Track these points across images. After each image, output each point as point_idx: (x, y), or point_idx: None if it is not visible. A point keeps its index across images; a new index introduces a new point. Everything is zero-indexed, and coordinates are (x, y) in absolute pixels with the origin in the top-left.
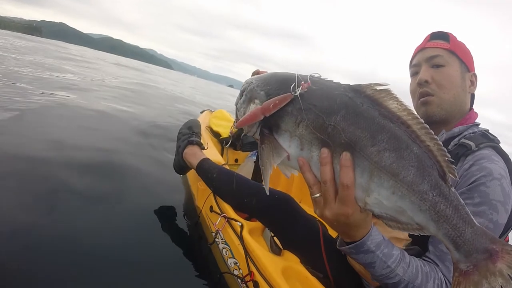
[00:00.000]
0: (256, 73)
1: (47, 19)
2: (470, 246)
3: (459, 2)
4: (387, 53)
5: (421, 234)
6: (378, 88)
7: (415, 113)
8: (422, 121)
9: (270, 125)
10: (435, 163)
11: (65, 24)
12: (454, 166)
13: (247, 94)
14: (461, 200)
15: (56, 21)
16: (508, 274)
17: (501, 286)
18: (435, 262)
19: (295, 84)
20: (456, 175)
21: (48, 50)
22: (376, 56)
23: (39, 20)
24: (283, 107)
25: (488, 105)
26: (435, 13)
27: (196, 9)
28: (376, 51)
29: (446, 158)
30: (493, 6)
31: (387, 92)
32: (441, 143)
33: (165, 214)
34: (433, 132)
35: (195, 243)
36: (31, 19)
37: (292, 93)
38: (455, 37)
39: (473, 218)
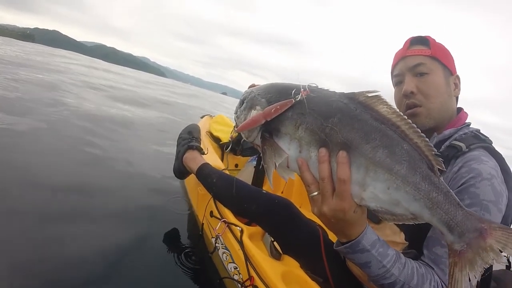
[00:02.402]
0: (252, 86)
1: (41, 26)
2: (462, 227)
3: (453, 5)
4: (379, 58)
5: (415, 223)
6: (370, 95)
7: (403, 115)
8: (410, 121)
9: (270, 129)
10: (424, 157)
11: (59, 32)
12: (441, 159)
13: (248, 102)
14: (449, 188)
15: (49, 29)
16: (498, 248)
17: (493, 260)
18: (430, 266)
19: (295, 90)
20: (443, 166)
21: None
22: (368, 61)
23: (32, 27)
24: (283, 112)
25: (482, 107)
26: (427, 17)
27: (189, 16)
28: (368, 56)
29: (433, 153)
30: (487, 9)
31: (378, 97)
32: (427, 139)
33: (166, 219)
34: (420, 131)
35: (195, 248)
36: (24, 26)
37: (294, 98)
38: (434, 40)
39: (460, 202)
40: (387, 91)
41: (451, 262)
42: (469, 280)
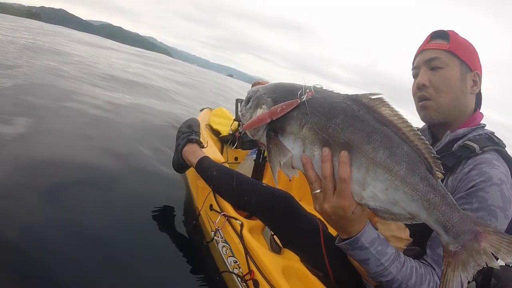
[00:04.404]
0: (256, 83)
1: (47, 5)
2: (458, 228)
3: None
4: (387, 48)
5: (413, 223)
6: (373, 97)
7: (405, 117)
8: (411, 124)
9: (275, 128)
10: (423, 159)
11: (65, 11)
12: (440, 162)
13: (254, 100)
14: (447, 190)
15: (55, 7)
16: (491, 252)
17: (486, 263)
18: (432, 266)
19: (301, 91)
20: (442, 168)
21: None
22: (377, 50)
23: (38, 6)
24: (288, 112)
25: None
26: (437, 9)
27: None
28: (377, 45)
29: (432, 155)
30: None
31: (381, 100)
32: (427, 142)
33: (165, 213)
34: (420, 134)
35: (194, 242)
36: (30, 5)
37: (299, 99)
38: (456, 35)
39: (456, 204)
40: (393, 81)
41: (444, 261)
42: (461, 280)
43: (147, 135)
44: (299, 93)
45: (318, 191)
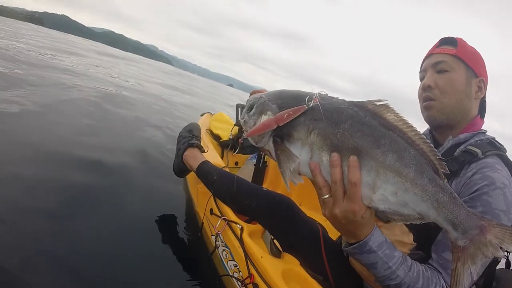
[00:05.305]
0: (254, 92)
1: (50, 10)
2: (466, 224)
3: (459, 11)
4: (388, 58)
5: (422, 222)
6: (378, 103)
7: (410, 122)
8: (416, 128)
9: (281, 135)
10: (429, 161)
11: (67, 17)
12: (445, 163)
13: (258, 107)
14: (452, 190)
15: (58, 13)
16: (496, 243)
17: (492, 254)
18: (438, 270)
19: (309, 97)
20: (447, 169)
21: None
22: (377, 60)
23: (41, 11)
24: (295, 118)
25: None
26: (437, 20)
27: (198, 6)
28: (377, 55)
29: (438, 157)
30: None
31: (386, 106)
32: (432, 145)
33: (165, 217)
34: (425, 137)
35: (195, 246)
36: (33, 10)
37: (306, 105)
38: (464, 42)
39: (462, 202)
40: (393, 91)
41: (454, 257)
42: (471, 273)
43: (145, 140)
44: (306, 99)
45: (327, 196)
